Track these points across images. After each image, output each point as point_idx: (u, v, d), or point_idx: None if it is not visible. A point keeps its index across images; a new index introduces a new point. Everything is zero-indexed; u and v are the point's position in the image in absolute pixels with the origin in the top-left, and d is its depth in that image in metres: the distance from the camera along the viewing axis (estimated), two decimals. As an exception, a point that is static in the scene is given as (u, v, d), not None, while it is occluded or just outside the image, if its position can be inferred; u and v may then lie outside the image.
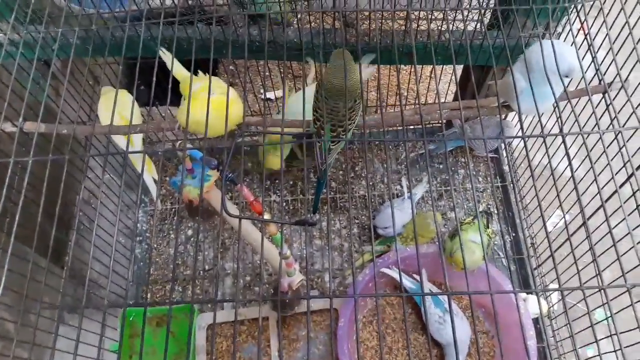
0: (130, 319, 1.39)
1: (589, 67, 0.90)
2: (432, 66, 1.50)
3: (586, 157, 0.75)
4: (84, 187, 1.42)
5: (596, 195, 0.70)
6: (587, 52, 0.92)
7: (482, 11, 1.38)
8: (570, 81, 0.88)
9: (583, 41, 1.01)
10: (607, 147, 0.77)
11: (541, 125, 0.90)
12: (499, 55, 1.35)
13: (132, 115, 1.09)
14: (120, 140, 1.16)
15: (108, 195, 1.40)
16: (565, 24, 1.16)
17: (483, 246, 1.08)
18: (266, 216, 0.88)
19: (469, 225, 1.22)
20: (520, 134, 0.75)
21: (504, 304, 1.22)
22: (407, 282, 1.29)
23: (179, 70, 1.10)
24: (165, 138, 1.59)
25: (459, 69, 1.63)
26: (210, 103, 0.73)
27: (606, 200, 0.69)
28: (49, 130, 1.00)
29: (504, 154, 1.59)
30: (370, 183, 1.59)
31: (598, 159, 0.78)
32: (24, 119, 0.88)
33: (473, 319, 1.21)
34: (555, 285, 1.47)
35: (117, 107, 0.82)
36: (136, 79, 0.81)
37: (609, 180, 0.74)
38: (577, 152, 1.09)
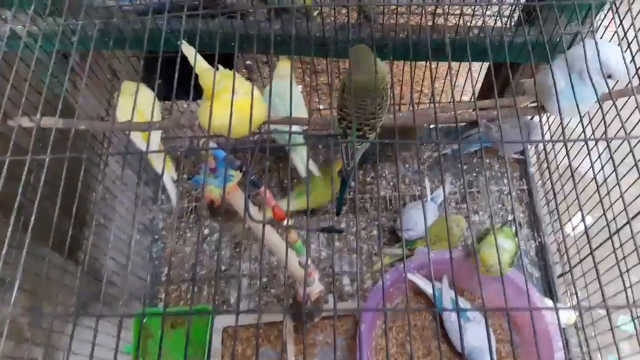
0: (144, 320, 1.36)
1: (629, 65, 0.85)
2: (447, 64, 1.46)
3: (621, 162, 0.70)
4: (101, 185, 1.40)
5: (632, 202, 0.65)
6: (626, 50, 0.87)
7: (513, 7, 1.33)
8: (616, 83, 0.83)
9: (612, 37, 0.96)
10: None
11: (583, 127, 0.85)
12: (529, 53, 1.30)
13: (153, 111, 1.07)
14: (137, 137, 1.13)
15: (124, 192, 1.38)
16: (598, 20, 1.11)
17: (515, 251, 1.04)
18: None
19: (498, 231, 1.17)
20: (548, 136, 0.70)
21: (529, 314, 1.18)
22: (429, 289, 1.25)
23: (199, 64, 1.06)
24: (184, 134, 1.56)
25: (481, 66, 1.57)
26: (234, 104, 0.69)
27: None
28: (66, 125, 0.97)
29: (530, 156, 1.54)
30: (391, 184, 1.55)
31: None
32: (42, 114, 0.85)
33: (511, 338, 1.17)
34: (582, 294, 1.42)
35: (137, 103, 0.79)
36: (158, 73, 0.78)
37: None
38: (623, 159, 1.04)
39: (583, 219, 0.76)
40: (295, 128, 1.21)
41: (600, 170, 1.01)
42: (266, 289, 1.43)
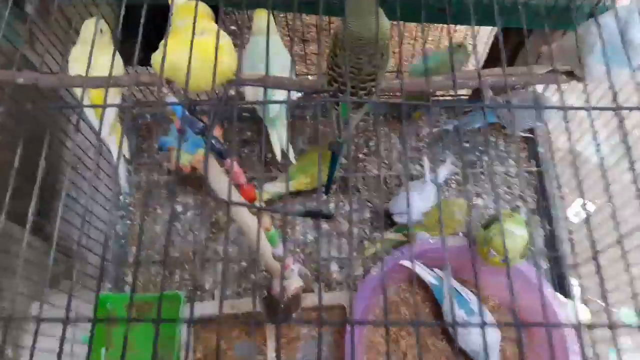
0: (108, 305, 1.22)
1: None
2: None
3: None
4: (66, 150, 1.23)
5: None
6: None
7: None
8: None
9: None
10: None
11: (614, 96, 0.71)
12: (546, 17, 1.15)
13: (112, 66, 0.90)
14: (90, 113, 0.97)
15: (85, 161, 1.21)
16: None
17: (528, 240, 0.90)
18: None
19: (509, 217, 1.03)
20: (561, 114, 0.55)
21: (539, 310, 1.05)
22: (430, 278, 1.11)
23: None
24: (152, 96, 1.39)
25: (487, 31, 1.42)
26: (196, 44, 0.54)
27: None
28: (3, 77, 0.81)
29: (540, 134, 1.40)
30: (386, 162, 1.40)
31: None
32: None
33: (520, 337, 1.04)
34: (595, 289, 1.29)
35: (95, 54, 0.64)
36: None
37: None
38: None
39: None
40: (278, 97, 1.05)
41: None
42: (245, 274, 1.28)
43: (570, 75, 0.81)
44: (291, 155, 1.19)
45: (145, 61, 0.79)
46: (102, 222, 1.27)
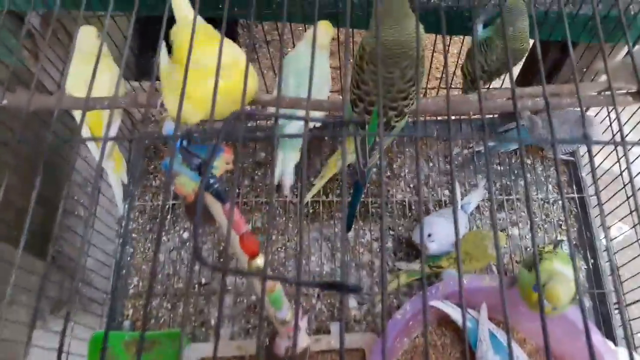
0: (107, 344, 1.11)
1: None
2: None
3: None
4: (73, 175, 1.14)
5: None
6: None
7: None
8: None
9: None
10: None
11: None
12: (589, 31, 1.03)
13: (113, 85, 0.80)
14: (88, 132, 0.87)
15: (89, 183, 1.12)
16: None
17: (577, 280, 0.77)
18: (261, 261, 0.58)
19: (551, 254, 0.90)
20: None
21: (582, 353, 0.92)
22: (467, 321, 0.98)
23: (179, 7, 0.77)
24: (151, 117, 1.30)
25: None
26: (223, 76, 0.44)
27: None
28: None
29: (581, 160, 1.26)
30: (411, 185, 1.28)
31: None
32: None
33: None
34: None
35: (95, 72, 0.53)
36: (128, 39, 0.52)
37: None
38: None
39: None
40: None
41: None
42: (254, 310, 1.17)
43: (638, 96, 0.68)
44: (287, 183, 1.04)
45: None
46: (100, 250, 1.17)
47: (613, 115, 1.06)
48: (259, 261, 0.58)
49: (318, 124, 0.96)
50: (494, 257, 1.10)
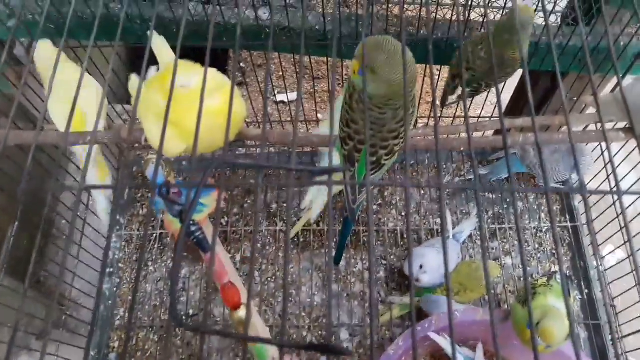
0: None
1: None
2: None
3: None
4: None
5: None
6: None
7: None
8: None
9: None
10: None
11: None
12: (579, 61, 1.03)
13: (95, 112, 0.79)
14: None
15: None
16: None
17: (570, 316, 0.75)
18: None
19: (546, 287, 0.89)
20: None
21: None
22: (461, 357, 0.96)
23: (162, 52, 0.77)
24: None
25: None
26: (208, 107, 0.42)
27: None
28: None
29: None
30: (403, 214, 1.26)
31: None
32: None
33: None
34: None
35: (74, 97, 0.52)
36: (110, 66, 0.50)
37: None
38: None
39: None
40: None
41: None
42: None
43: (630, 132, 0.68)
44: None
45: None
46: (86, 281, 1.14)
47: (604, 144, 1.05)
48: (242, 313, 0.56)
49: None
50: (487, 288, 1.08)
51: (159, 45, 0.71)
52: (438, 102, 1.34)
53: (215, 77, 0.69)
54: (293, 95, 1.95)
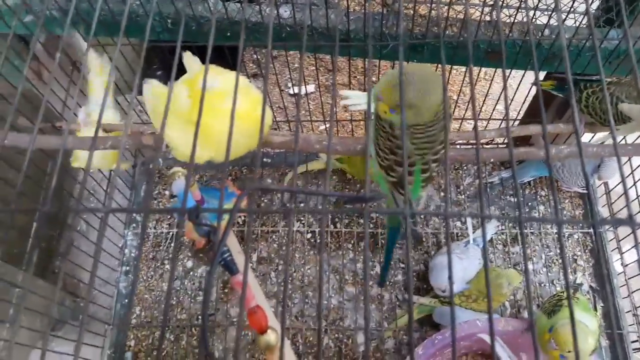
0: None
1: None
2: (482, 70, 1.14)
3: None
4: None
5: None
6: None
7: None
8: None
9: None
10: None
11: None
12: (609, 64, 0.99)
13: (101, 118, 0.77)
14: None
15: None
16: None
17: (599, 332, 0.74)
18: (272, 336, 0.55)
19: (573, 301, 0.87)
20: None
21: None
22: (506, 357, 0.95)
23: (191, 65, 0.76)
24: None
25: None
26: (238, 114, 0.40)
27: None
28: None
29: (597, 192, 1.23)
30: (422, 216, 1.24)
31: None
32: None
33: None
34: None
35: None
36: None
37: None
38: None
39: None
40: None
41: None
42: (260, 344, 1.13)
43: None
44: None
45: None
46: (103, 281, 1.14)
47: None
48: (268, 337, 0.54)
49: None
50: (507, 296, 1.07)
51: (190, 59, 0.69)
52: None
53: (240, 78, 0.68)
54: (309, 88, 1.92)
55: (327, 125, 1.36)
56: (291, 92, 1.95)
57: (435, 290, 1.07)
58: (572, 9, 0.96)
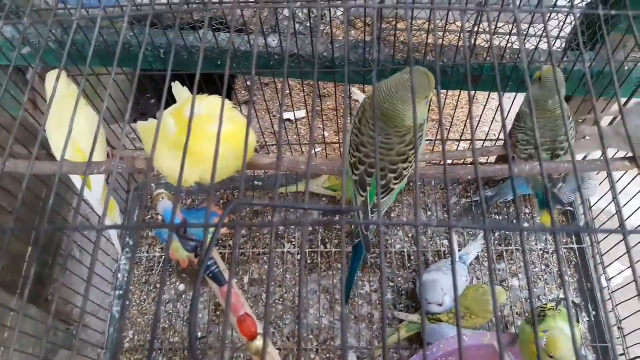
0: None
1: None
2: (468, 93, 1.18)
3: None
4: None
5: None
6: None
7: (563, 23, 1.05)
8: None
9: None
10: None
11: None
12: (584, 85, 1.04)
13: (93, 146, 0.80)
14: (77, 178, 0.87)
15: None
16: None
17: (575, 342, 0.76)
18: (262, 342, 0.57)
19: (555, 311, 0.90)
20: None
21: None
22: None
23: (179, 94, 0.82)
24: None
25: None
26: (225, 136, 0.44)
27: None
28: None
29: (582, 209, 1.26)
30: (410, 235, 1.27)
31: None
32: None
33: None
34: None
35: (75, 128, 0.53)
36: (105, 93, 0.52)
37: None
38: None
39: None
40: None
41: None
42: (252, 365, 1.15)
43: (634, 161, 0.69)
44: None
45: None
46: (96, 305, 1.15)
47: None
48: (258, 343, 0.57)
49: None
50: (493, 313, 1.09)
51: (179, 89, 0.74)
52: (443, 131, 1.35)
53: (220, 103, 0.71)
54: (300, 114, 1.96)
55: (319, 149, 1.39)
56: (284, 117, 1.99)
57: (430, 307, 1.08)
58: (543, 34, 1.02)
